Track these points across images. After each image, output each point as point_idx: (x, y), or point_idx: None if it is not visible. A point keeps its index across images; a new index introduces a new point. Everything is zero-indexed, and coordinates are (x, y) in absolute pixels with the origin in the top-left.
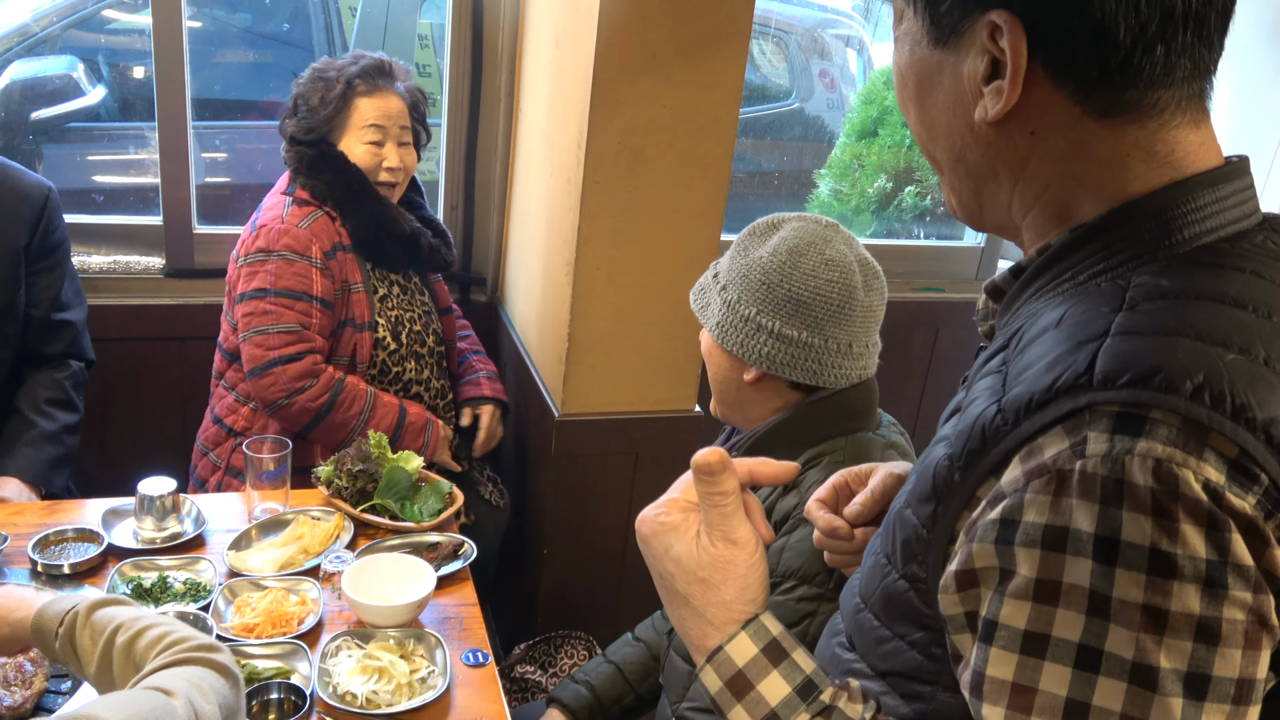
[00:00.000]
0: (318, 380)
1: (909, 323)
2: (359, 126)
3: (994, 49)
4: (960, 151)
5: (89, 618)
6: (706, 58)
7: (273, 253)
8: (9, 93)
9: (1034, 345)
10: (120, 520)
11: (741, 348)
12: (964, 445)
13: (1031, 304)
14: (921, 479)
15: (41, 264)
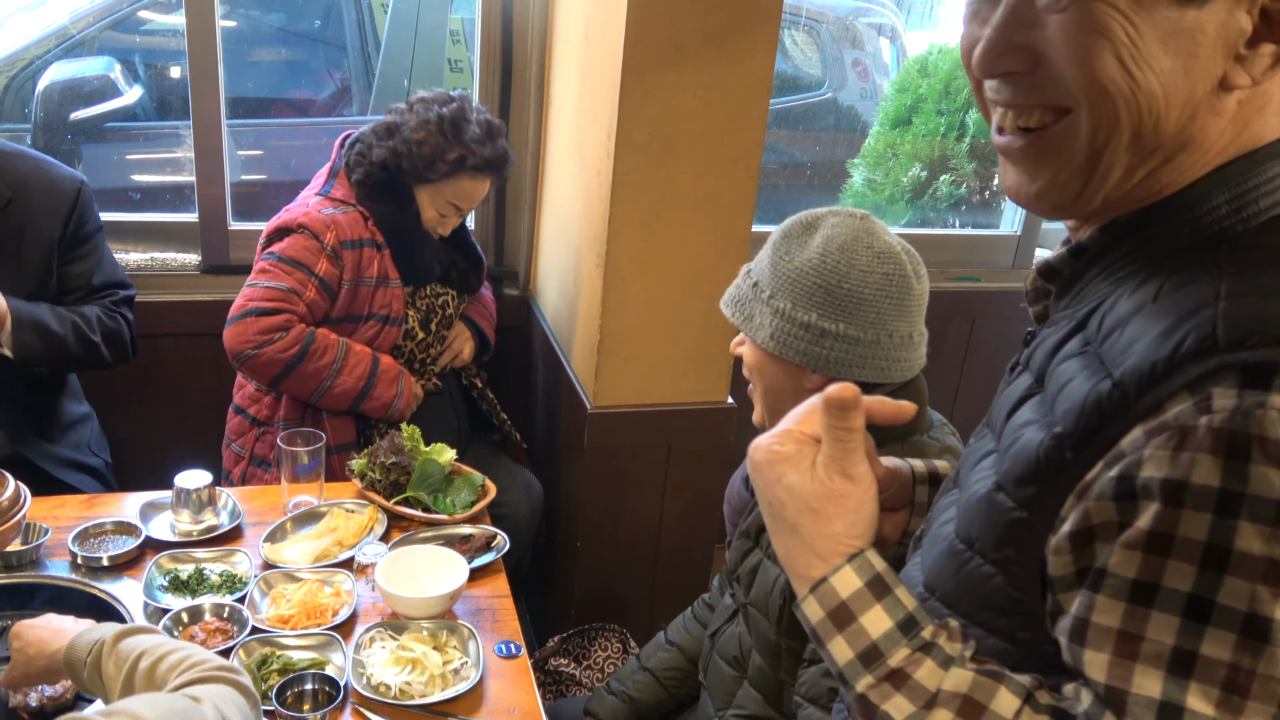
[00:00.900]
0: (287, 333)
1: (944, 313)
2: (446, 197)
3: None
4: (1178, 121)
5: (115, 647)
6: (736, 46)
7: (290, 230)
8: (49, 94)
9: (1133, 321)
10: (158, 513)
11: (805, 355)
12: (1078, 423)
13: (1099, 284)
14: (1018, 461)
15: (74, 253)
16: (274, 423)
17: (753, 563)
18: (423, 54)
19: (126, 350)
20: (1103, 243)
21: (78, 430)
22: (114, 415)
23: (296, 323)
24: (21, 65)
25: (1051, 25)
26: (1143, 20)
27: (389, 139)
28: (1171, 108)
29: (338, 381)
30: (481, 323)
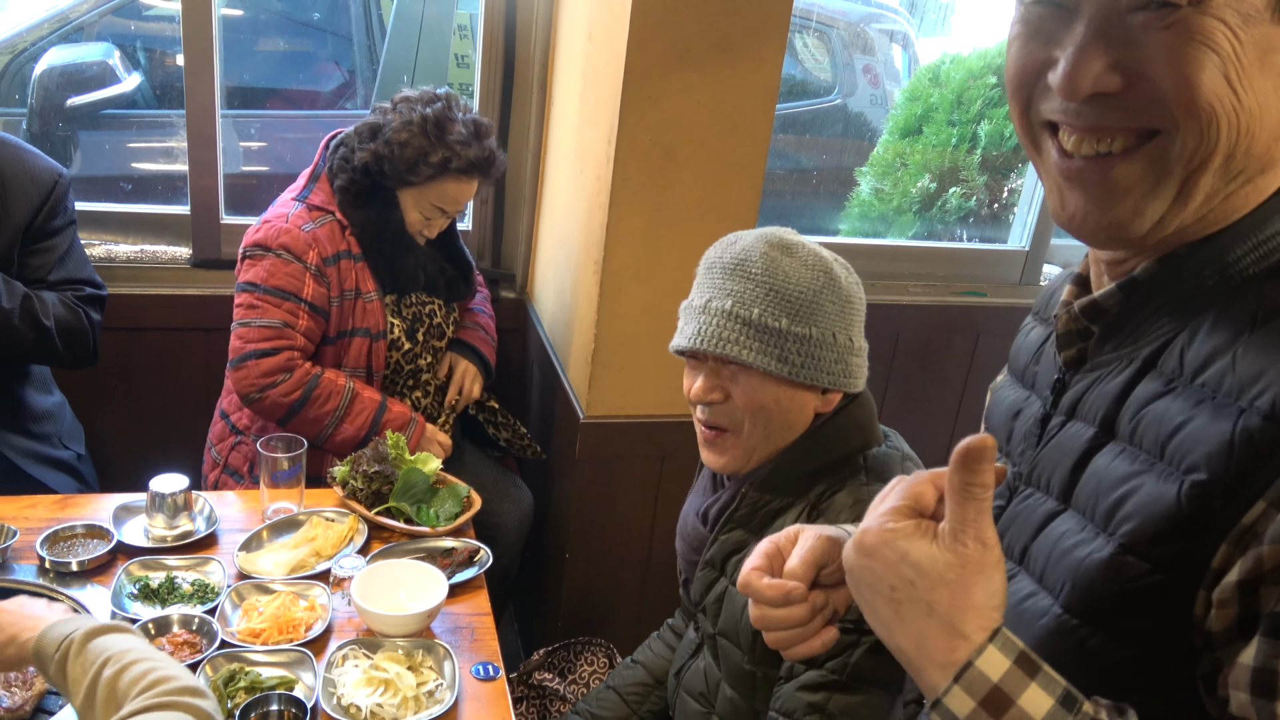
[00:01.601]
0: (291, 375)
1: (948, 327)
2: (430, 200)
3: None
4: (1251, 141)
5: (83, 647)
6: (742, 54)
7: (270, 249)
8: (46, 78)
9: (1241, 350)
10: (132, 517)
11: (831, 374)
12: (1228, 466)
13: (1160, 320)
14: (1149, 519)
15: (37, 245)
16: (249, 433)
17: (719, 591)
18: (427, 48)
19: (87, 349)
20: (1162, 276)
21: (46, 422)
22: (97, 409)
23: (298, 360)
24: (19, 49)
25: (1151, 43)
26: (1247, 36)
27: (371, 140)
28: (1265, 128)
29: (340, 430)
30: (484, 349)
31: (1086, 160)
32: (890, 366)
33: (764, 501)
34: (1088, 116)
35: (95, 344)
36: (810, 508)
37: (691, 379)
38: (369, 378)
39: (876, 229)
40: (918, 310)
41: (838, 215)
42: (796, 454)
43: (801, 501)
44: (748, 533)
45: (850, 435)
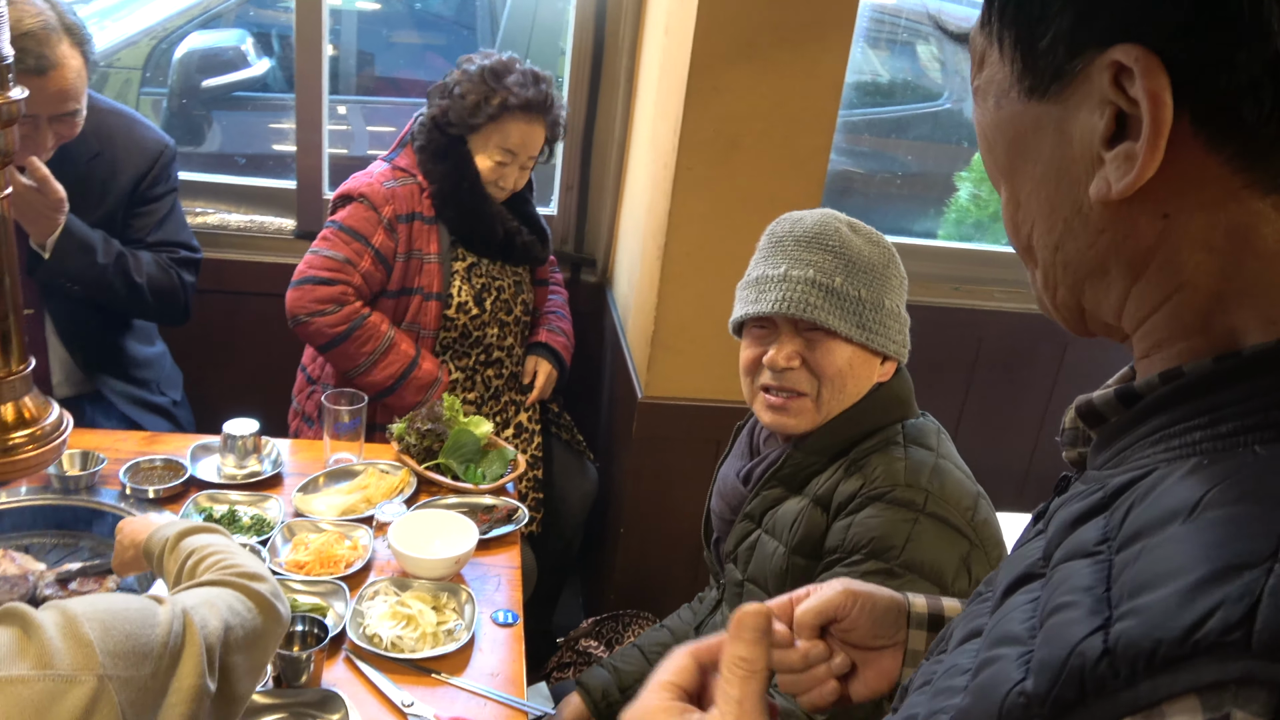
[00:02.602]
0: (341, 309)
1: (1034, 335)
2: (498, 145)
3: (1120, 99)
4: (1060, 239)
5: (175, 545)
6: (808, 47)
7: (352, 197)
8: (185, 61)
9: (1156, 539)
10: (208, 455)
11: (899, 346)
12: (1051, 688)
13: (1148, 450)
14: (983, 704)
15: (140, 209)
16: (321, 383)
17: (751, 540)
18: (539, 41)
19: (178, 309)
20: (1160, 395)
21: (146, 369)
22: (201, 362)
23: (351, 296)
24: (164, 35)
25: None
26: (1000, 127)
27: (440, 98)
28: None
29: (370, 373)
30: (564, 354)
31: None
32: (972, 371)
33: (806, 463)
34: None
35: (186, 302)
36: (850, 463)
37: (759, 348)
38: (416, 334)
39: (970, 234)
40: (1003, 316)
41: (931, 219)
42: (844, 419)
43: (838, 460)
44: (787, 491)
45: (892, 406)
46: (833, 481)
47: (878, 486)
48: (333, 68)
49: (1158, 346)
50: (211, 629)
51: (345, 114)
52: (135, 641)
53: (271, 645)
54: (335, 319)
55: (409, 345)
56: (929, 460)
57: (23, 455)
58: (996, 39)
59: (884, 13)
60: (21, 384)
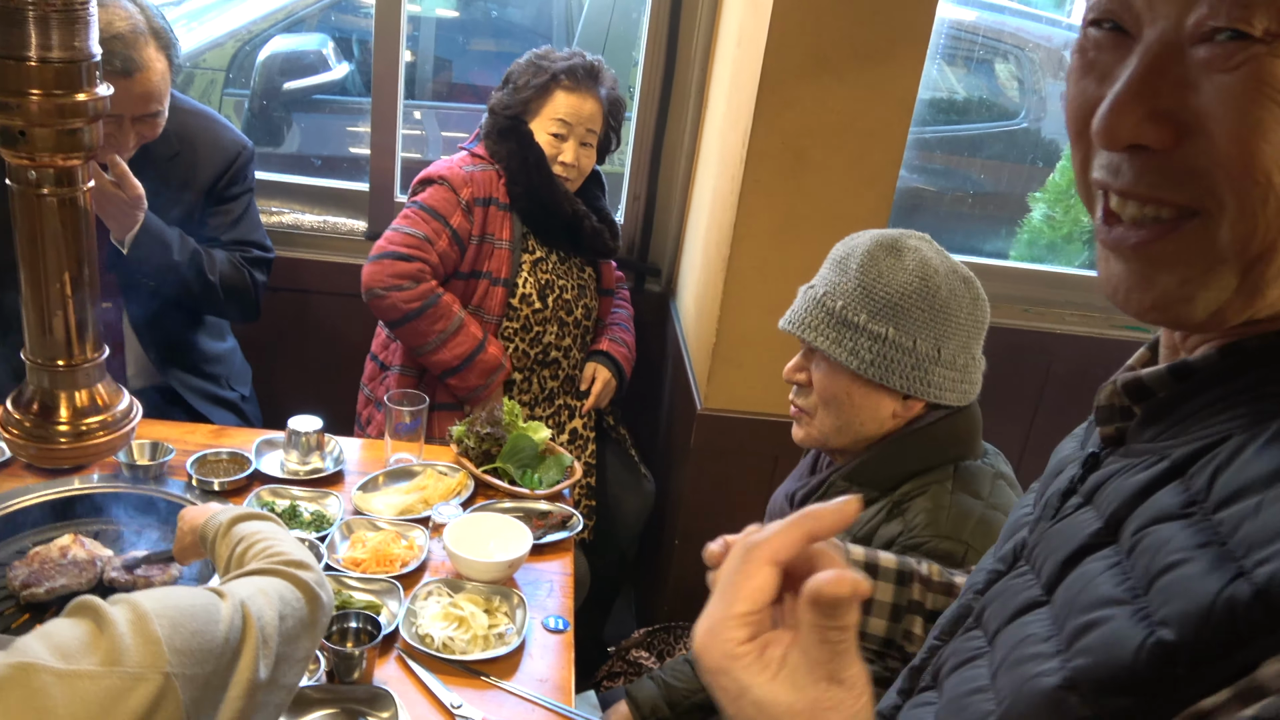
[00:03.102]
0: (416, 286)
1: (1107, 361)
2: (550, 117)
3: None
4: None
5: (228, 531)
6: (880, 63)
7: (433, 180)
8: (268, 64)
9: (1271, 494)
10: (272, 450)
11: (907, 380)
12: (1199, 634)
13: (1210, 419)
14: (1104, 662)
15: (217, 208)
16: (392, 367)
17: None
18: (613, 50)
19: (250, 306)
20: (1221, 369)
21: (217, 364)
22: (272, 358)
23: (428, 274)
24: (249, 38)
25: (1210, 89)
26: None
27: (502, 88)
28: None
29: (438, 351)
30: (624, 364)
31: (1127, 226)
32: (1040, 394)
33: (850, 492)
34: (1124, 177)
35: (257, 300)
36: (893, 505)
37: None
38: (479, 316)
39: (1043, 255)
40: (1073, 340)
41: (1003, 239)
42: (888, 451)
43: (884, 499)
44: None
45: (947, 444)
46: (875, 523)
47: (916, 536)
48: (409, 73)
49: (1246, 327)
50: (267, 620)
51: (420, 119)
52: (201, 639)
53: (318, 634)
54: (410, 295)
55: (477, 329)
56: (975, 510)
57: (95, 440)
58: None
59: (961, 30)
60: (96, 371)
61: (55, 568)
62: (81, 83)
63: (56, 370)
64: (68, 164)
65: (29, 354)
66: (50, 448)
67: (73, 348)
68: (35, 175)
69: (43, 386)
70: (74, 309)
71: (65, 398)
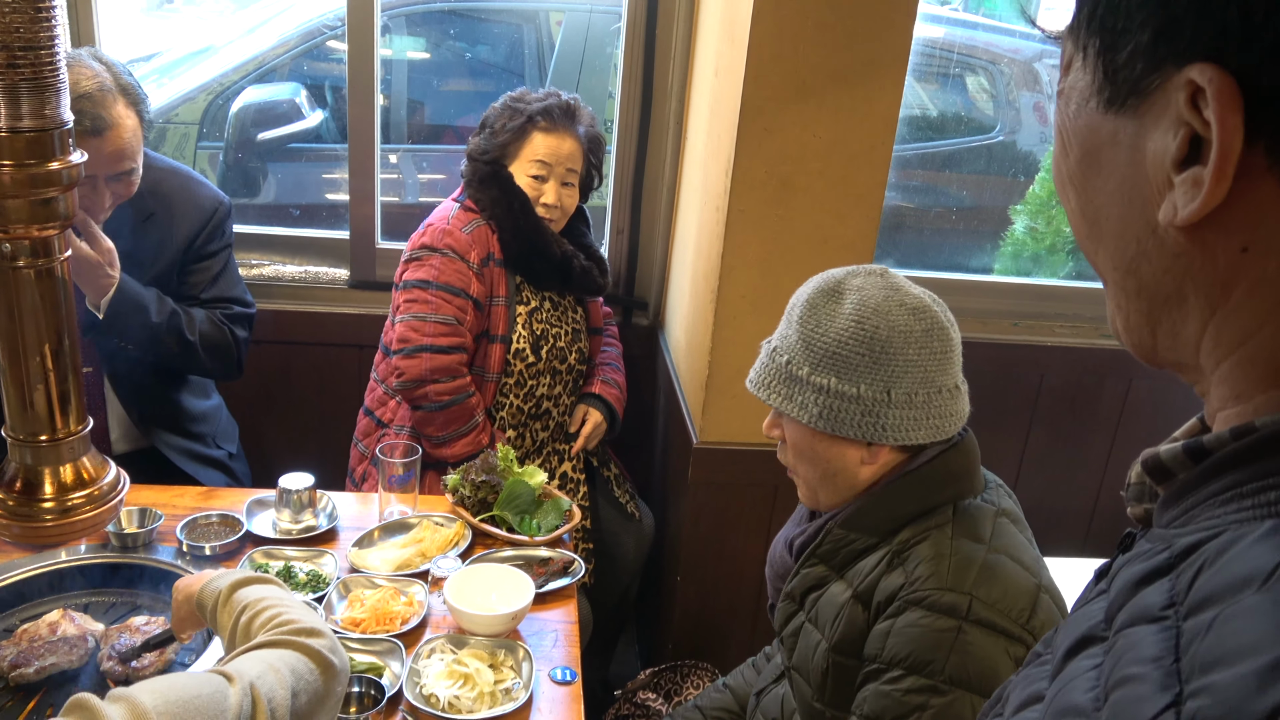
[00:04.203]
0: (454, 380)
1: (1099, 370)
2: (528, 159)
3: (1194, 119)
4: (1133, 261)
5: (229, 598)
6: (861, 86)
7: (437, 249)
8: (242, 115)
9: (1229, 609)
10: (263, 510)
11: (859, 428)
12: None
13: (1217, 510)
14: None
15: (195, 264)
16: (393, 426)
17: (796, 625)
18: (588, 85)
19: (231, 364)
20: (1231, 452)
21: (202, 423)
22: (258, 414)
23: (464, 369)
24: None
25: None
26: (1074, 127)
27: (479, 133)
28: (1123, 238)
29: (444, 445)
30: (616, 405)
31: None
32: (1034, 407)
33: (847, 540)
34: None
35: (240, 358)
36: (893, 554)
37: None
38: (482, 375)
39: (1027, 268)
40: (1064, 352)
41: (987, 253)
42: (882, 497)
43: (885, 546)
44: (829, 568)
45: (941, 484)
46: (876, 574)
47: (917, 589)
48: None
49: (1236, 399)
50: (279, 700)
51: (396, 162)
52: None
53: (335, 704)
54: (447, 388)
55: (485, 435)
56: (977, 556)
57: (81, 515)
58: (1081, 46)
59: (933, 46)
60: (80, 444)
61: (45, 646)
62: (54, 151)
63: (39, 445)
64: (43, 234)
65: (10, 430)
66: (36, 526)
67: (55, 421)
68: (10, 248)
69: (25, 463)
70: (55, 382)
71: (50, 473)
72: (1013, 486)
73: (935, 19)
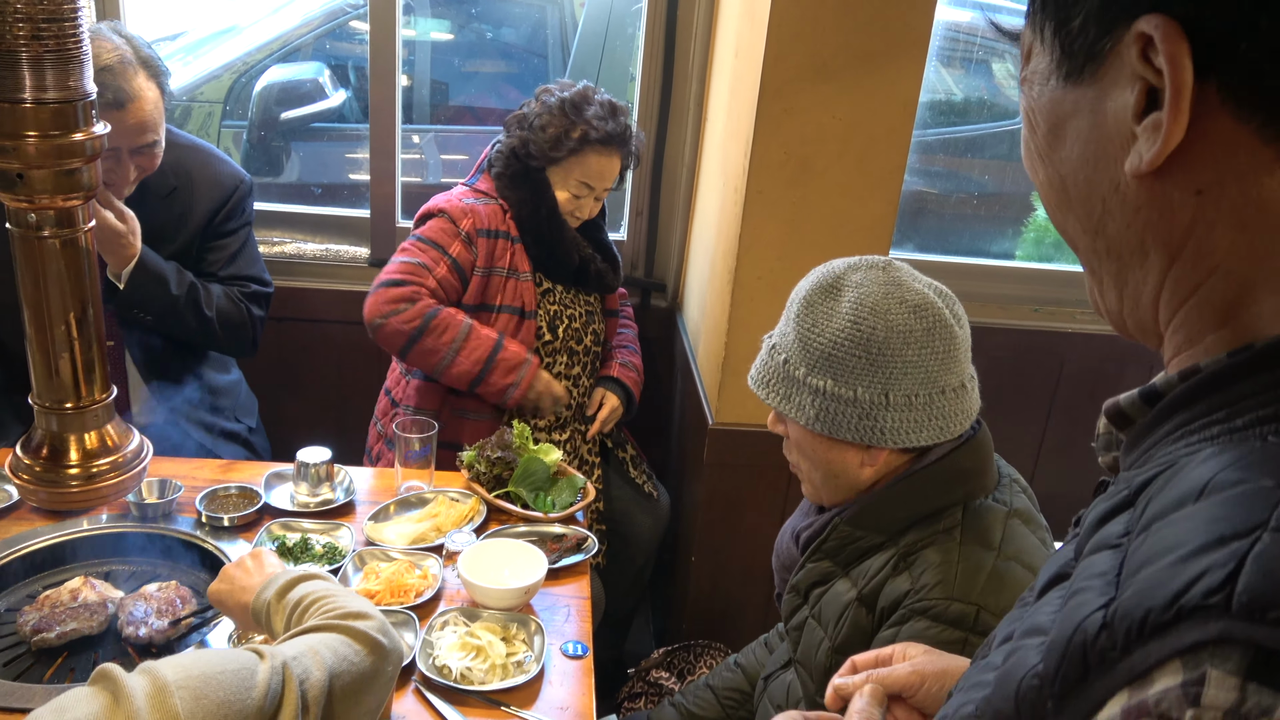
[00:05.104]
0: (412, 305)
1: (1120, 358)
2: (576, 176)
3: (1148, 72)
4: (1100, 221)
5: (279, 604)
6: (881, 68)
7: (431, 214)
8: (265, 94)
9: (1166, 521)
10: (282, 483)
11: (858, 432)
12: (1059, 666)
13: (1169, 446)
14: (1003, 688)
15: (214, 241)
16: (403, 404)
17: (800, 619)
18: (609, 67)
19: (246, 341)
20: (1180, 392)
21: (222, 397)
22: (278, 389)
23: (424, 296)
24: (245, 69)
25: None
26: (1040, 106)
27: (518, 129)
28: (1090, 200)
29: (455, 362)
30: (633, 388)
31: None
32: (1053, 395)
33: (853, 537)
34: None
35: (255, 336)
36: (900, 557)
37: None
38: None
39: (1049, 254)
40: (1085, 339)
41: (1009, 239)
42: (888, 496)
43: (892, 547)
44: (834, 565)
45: (951, 484)
46: (881, 577)
47: (923, 598)
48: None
49: (1188, 342)
50: (314, 680)
51: (419, 143)
52: (228, 710)
53: (385, 684)
54: (407, 315)
55: (490, 330)
56: (985, 564)
57: (106, 482)
58: (1039, 29)
59: (958, 31)
60: (104, 412)
61: (66, 612)
62: (78, 122)
63: (65, 413)
64: (67, 205)
65: (36, 398)
66: (61, 491)
67: (80, 389)
68: (35, 218)
69: (51, 430)
70: (80, 350)
71: (75, 440)
72: (1030, 475)
73: (960, 3)
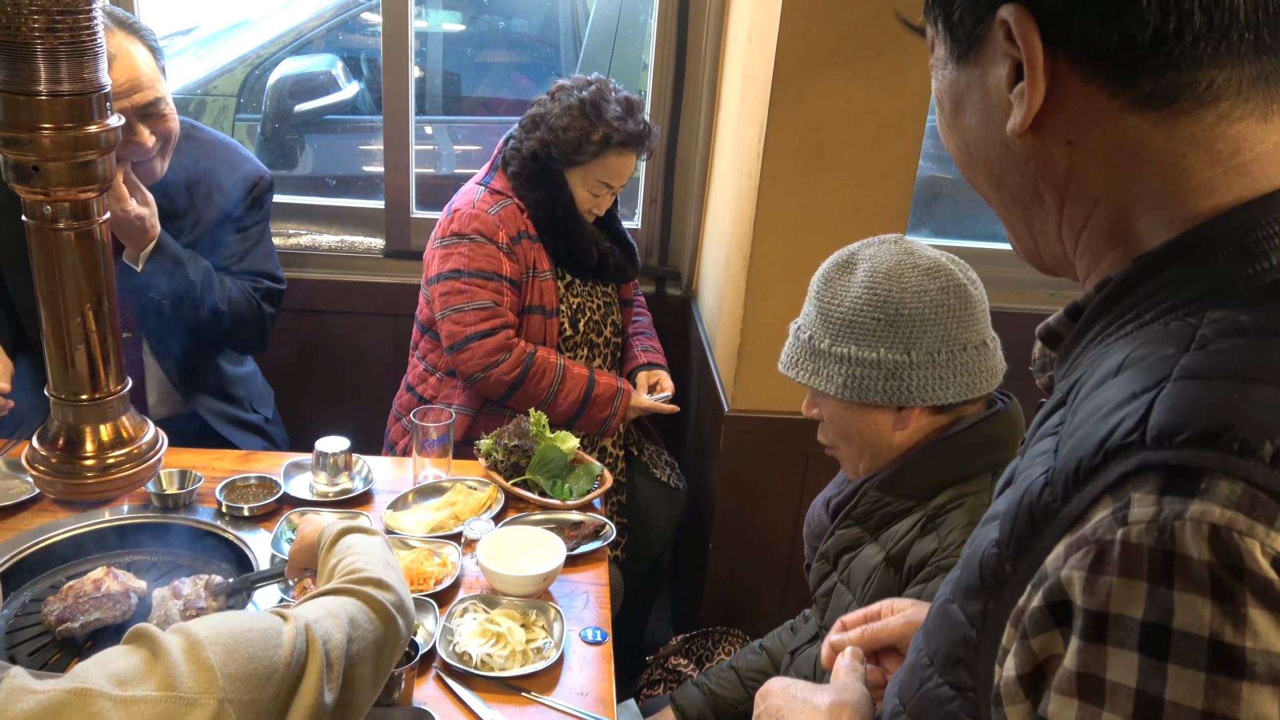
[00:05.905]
0: (510, 354)
1: None
2: (596, 177)
3: (1012, 50)
4: (1000, 176)
5: (332, 546)
6: (894, 53)
7: (465, 236)
8: (279, 87)
9: (1089, 398)
10: (301, 473)
11: (885, 393)
12: (1012, 528)
13: (1093, 350)
14: (968, 568)
15: (233, 235)
16: (437, 402)
17: (828, 586)
18: (621, 55)
19: (255, 337)
20: (1098, 301)
21: (239, 388)
22: (292, 379)
23: (514, 339)
24: (258, 62)
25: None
26: (942, 87)
27: (536, 130)
28: (989, 160)
29: (554, 404)
30: (653, 359)
31: None
32: None
33: (883, 502)
34: None
35: (264, 333)
36: (928, 518)
37: None
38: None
39: None
40: None
41: None
42: (919, 460)
43: (920, 510)
44: (864, 530)
45: (982, 450)
46: (909, 538)
47: (950, 556)
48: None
49: (1094, 263)
50: (335, 643)
51: (432, 134)
52: (258, 664)
53: (392, 657)
54: (508, 365)
55: (581, 367)
56: None
57: (121, 473)
58: (934, 22)
59: None
60: (119, 403)
61: (90, 601)
62: (93, 114)
63: (80, 405)
64: (83, 197)
65: (52, 389)
66: (77, 483)
67: (96, 381)
68: (50, 210)
69: (67, 422)
70: (95, 342)
71: (90, 432)
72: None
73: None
